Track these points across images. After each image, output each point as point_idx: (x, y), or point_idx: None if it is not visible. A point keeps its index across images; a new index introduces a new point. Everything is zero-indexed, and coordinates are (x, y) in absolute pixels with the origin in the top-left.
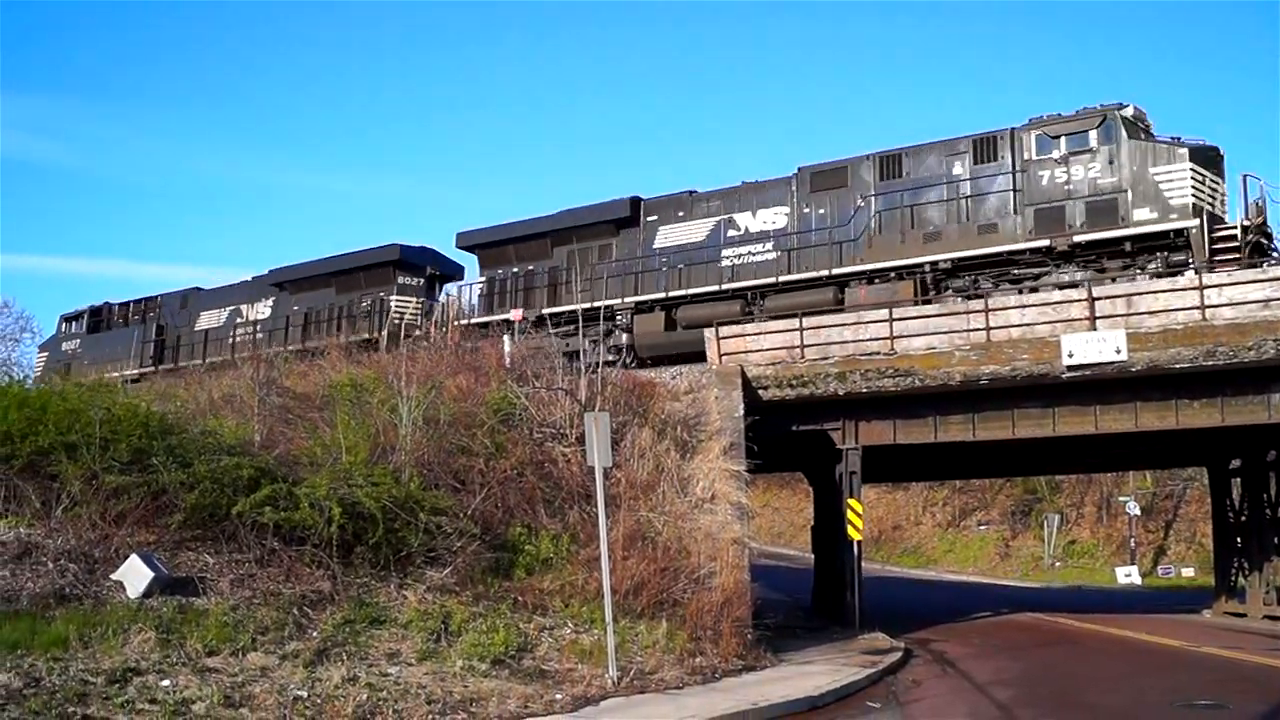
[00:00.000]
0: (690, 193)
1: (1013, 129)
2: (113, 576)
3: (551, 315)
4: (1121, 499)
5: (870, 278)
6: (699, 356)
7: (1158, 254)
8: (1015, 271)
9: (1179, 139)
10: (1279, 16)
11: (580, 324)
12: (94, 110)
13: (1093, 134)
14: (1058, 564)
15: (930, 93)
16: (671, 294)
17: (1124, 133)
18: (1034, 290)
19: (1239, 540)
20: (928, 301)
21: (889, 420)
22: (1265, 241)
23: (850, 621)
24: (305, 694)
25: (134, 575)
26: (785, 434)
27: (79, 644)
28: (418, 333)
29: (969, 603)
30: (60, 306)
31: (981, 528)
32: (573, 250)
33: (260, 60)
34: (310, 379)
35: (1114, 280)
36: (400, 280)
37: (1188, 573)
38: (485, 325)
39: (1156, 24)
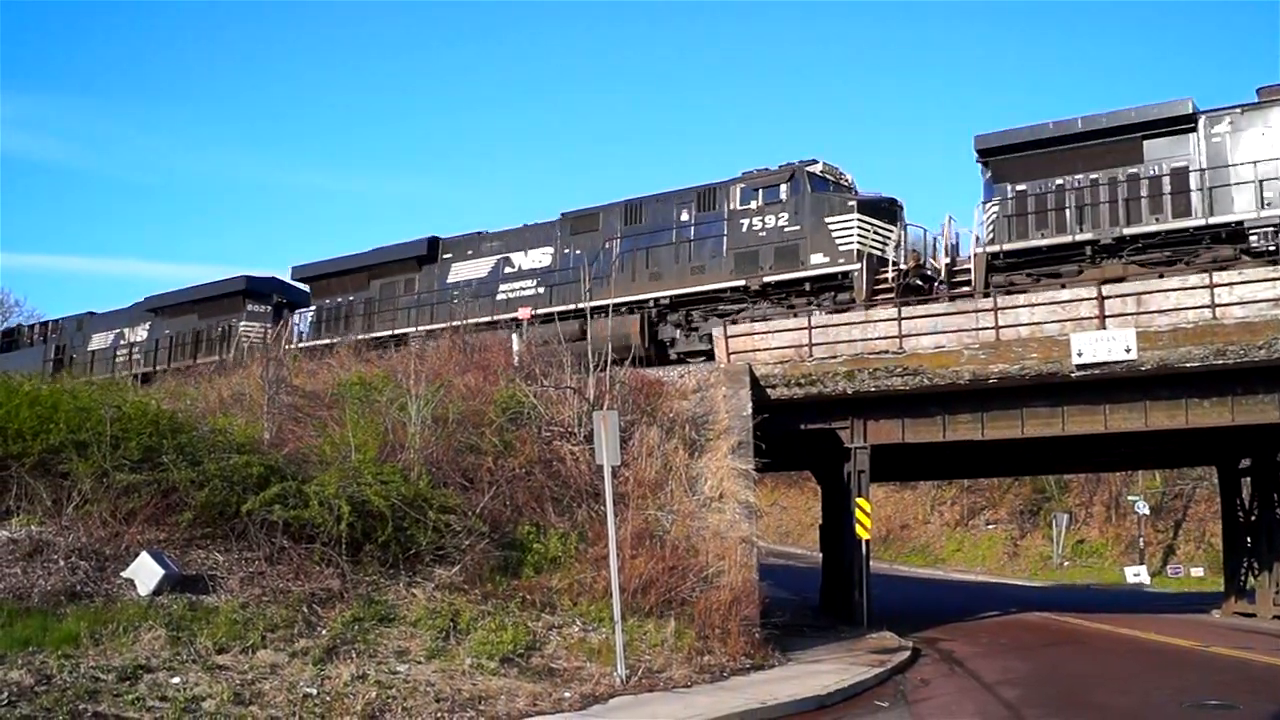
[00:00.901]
0: (479, 233)
1: (728, 182)
2: (123, 574)
3: (367, 341)
4: (1130, 498)
5: (610, 311)
6: None
7: (831, 292)
8: (721, 307)
9: (856, 192)
10: (1279, 16)
11: (393, 350)
12: (92, 108)
13: (783, 188)
14: (1066, 563)
15: (926, 93)
16: (456, 323)
17: (808, 187)
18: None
19: (1249, 540)
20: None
21: (897, 419)
22: (920, 283)
23: (858, 620)
24: (315, 691)
25: (144, 573)
26: (793, 433)
27: (90, 641)
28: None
29: (977, 602)
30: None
31: (990, 527)
32: (384, 283)
33: (260, 58)
34: (320, 377)
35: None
36: (249, 308)
37: (1197, 573)
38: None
39: (1155, 23)
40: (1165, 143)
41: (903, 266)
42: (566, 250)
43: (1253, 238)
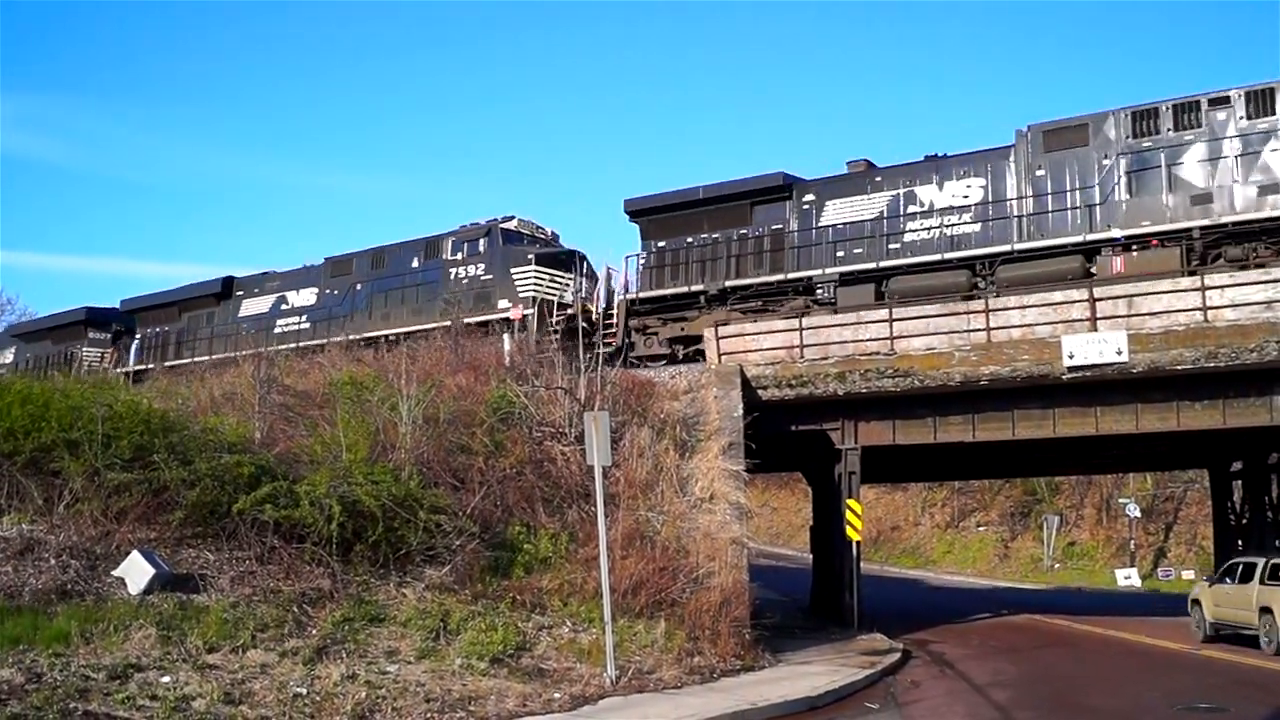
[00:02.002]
0: (266, 273)
1: (445, 235)
2: (114, 573)
3: (176, 366)
4: (1121, 501)
5: (398, 338)
6: None
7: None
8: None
9: (546, 245)
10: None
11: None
12: (81, 105)
13: (482, 241)
14: (1057, 566)
15: (922, 95)
16: (240, 354)
17: (500, 240)
18: None
19: (1240, 543)
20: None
21: (888, 420)
22: (586, 324)
23: (849, 622)
24: (305, 691)
25: (135, 572)
26: (784, 434)
27: (80, 640)
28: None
29: (968, 604)
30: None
31: (980, 529)
32: (191, 316)
33: (254, 57)
34: (311, 377)
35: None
36: (90, 335)
37: (1188, 575)
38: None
39: (1155, 23)
40: (768, 209)
41: (570, 311)
42: (328, 290)
43: (819, 290)
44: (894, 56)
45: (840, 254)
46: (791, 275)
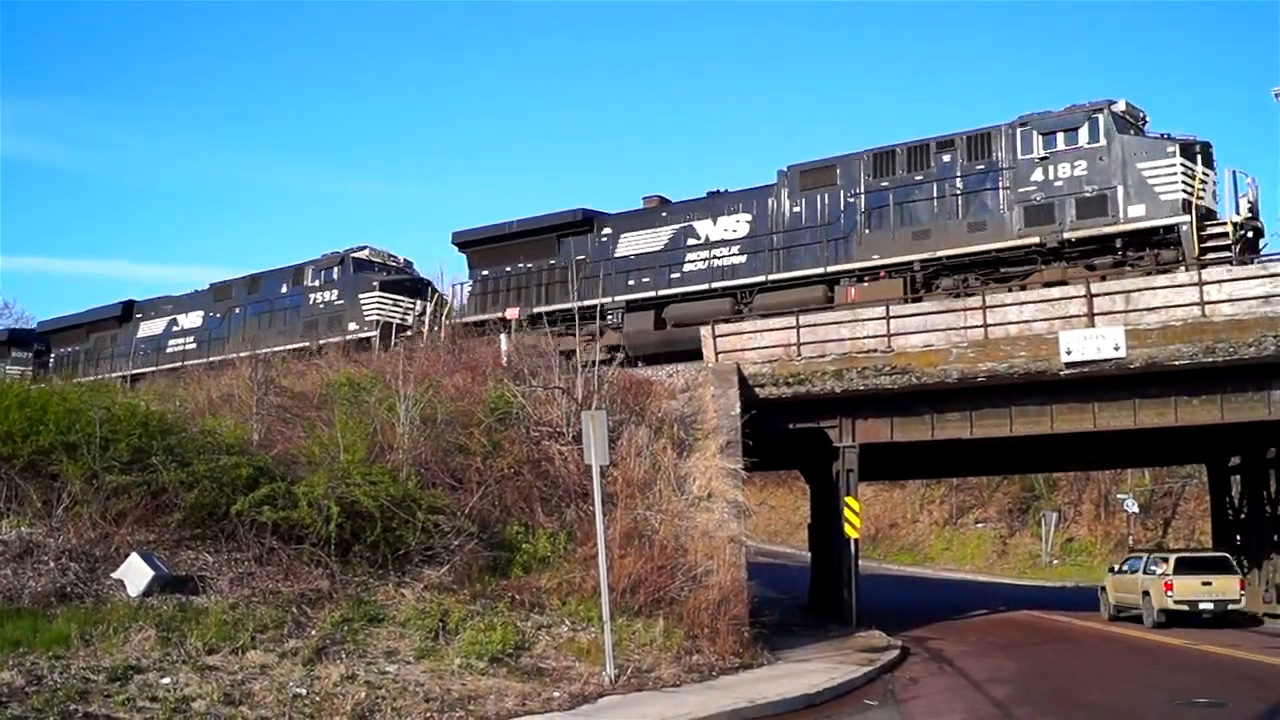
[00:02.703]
0: (162, 298)
1: (308, 263)
2: (113, 575)
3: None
4: (1120, 496)
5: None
6: None
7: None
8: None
9: (385, 273)
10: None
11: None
12: (79, 109)
13: (336, 269)
14: (1055, 562)
15: (919, 92)
16: (135, 372)
17: (352, 269)
18: None
19: (1238, 538)
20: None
21: (886, 418)
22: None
23: (847, 619)
24: (304, 691)
25: (134, 574)
26: (782, 432)
27: (80, 642)
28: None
29: (966, 601)
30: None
31: (979, 525)
32: (97, 336)
33: (250, 60)
34: (308, 378)
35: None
36: (13, 354)
37: None
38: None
39: (1153, 23)
40: (572, 241)
41: (409, 333)
42: (212, 314)
43: (609, 316)
44: (892, 54)
45: (630, 283)
46: (587, 302)
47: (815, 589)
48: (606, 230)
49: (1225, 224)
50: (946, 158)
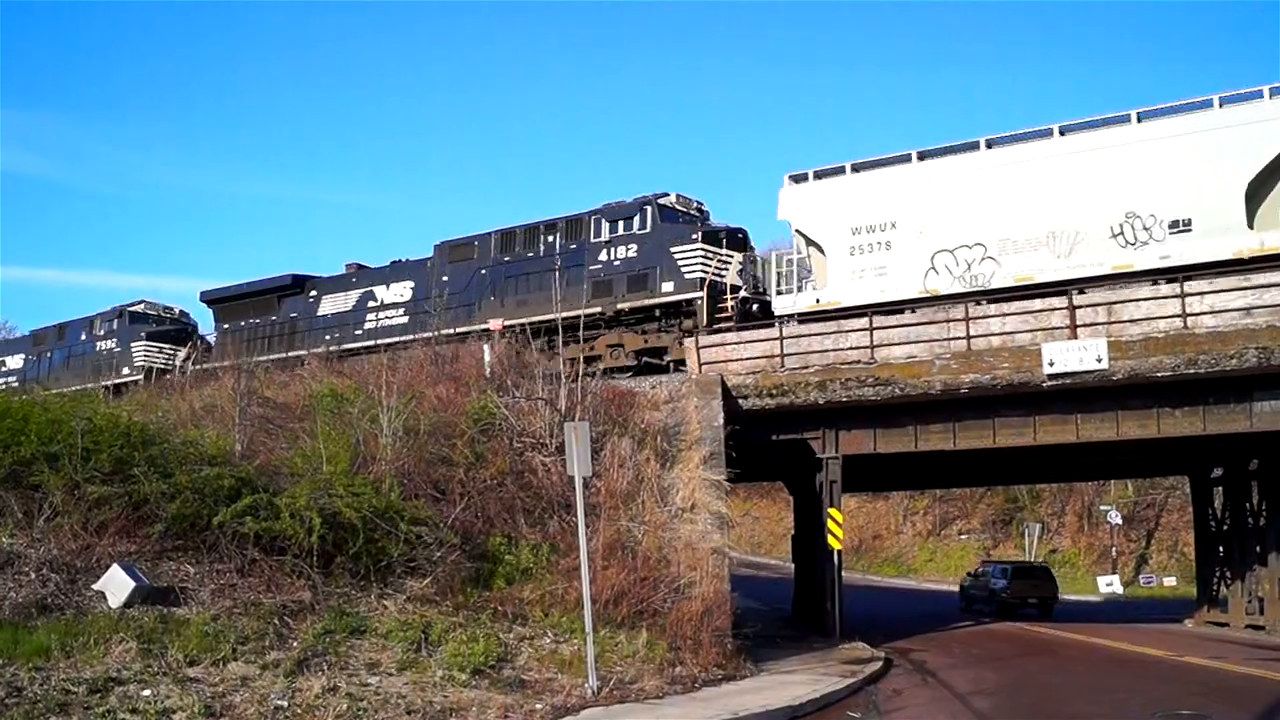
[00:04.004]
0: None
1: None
2: (94, 586)
3: None
4: (1103, 508)
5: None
6: None
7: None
8: None
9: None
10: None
11: None
12: (63, 121)
13: (116, 322)
14: None
15: (918, 94)
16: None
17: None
18: None
19: (1221, 549)
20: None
21: (869, 429)
22: None
23: (830, 631)
24: (285, 704)
25: (115, 585)
26: (765, 443)
27: (61, 654)
28: None
29: (950, 612)
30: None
31: (962, 536)
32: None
33: (233, 71)
34: (290, 389)
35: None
36: None
37: (1169, 582)
38: None
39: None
40: (288, 301)
41: None
42: (30, 357)
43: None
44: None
45: (328, 338)
46: (293, 354)
47: (799, 600)
48: (313, 291)
49: (732, 299)
50: (550, 239)
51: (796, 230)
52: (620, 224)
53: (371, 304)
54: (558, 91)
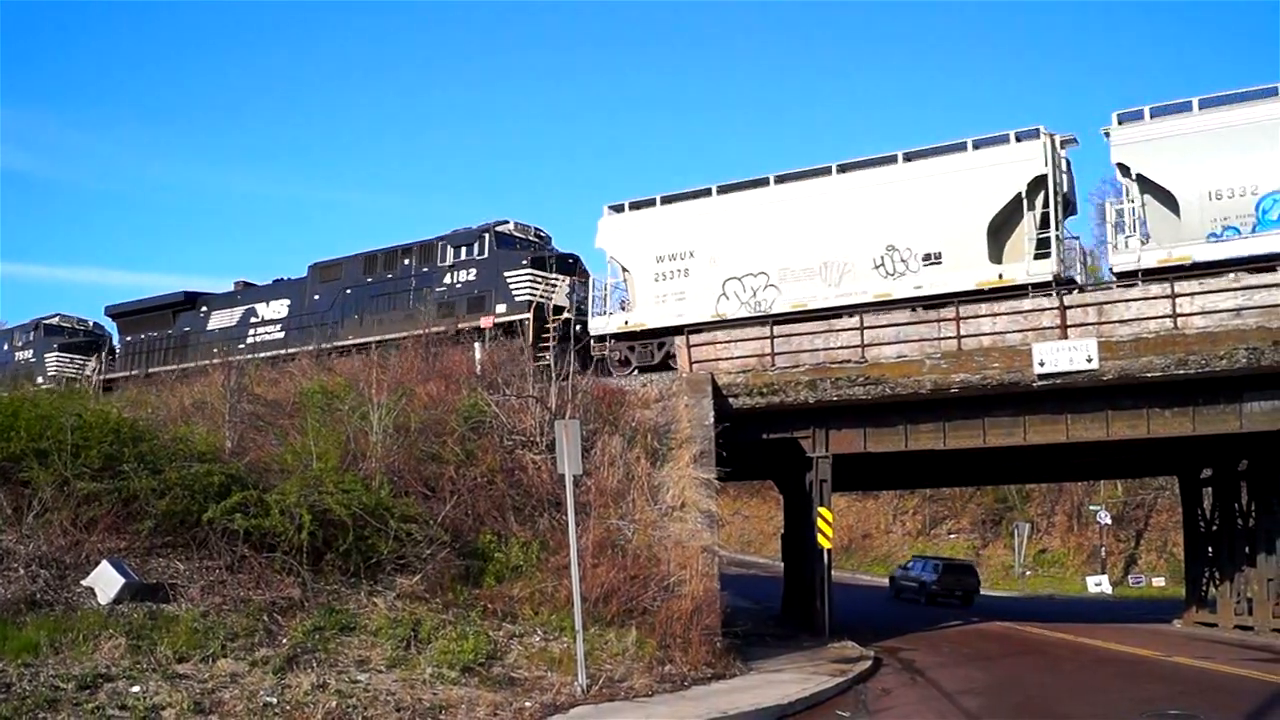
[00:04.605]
0: None
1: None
2: (83, 583)
3: None
4: (1092, 508)
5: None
6: None
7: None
8: None
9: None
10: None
11: None
12: (50, 116)
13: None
14: (1028, 573)
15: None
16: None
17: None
18: None
19: (1210, 550)
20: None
21: (859, 428)
22: None
23: (820, 630)
24: (275, 700)
25: (105, 582)
26: (756, 442)
27: (50, 650)
28: None
29: (939, 612)
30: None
31: (952, 536)
32: None
33: (223, 67)
34: (281, 386)
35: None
36: None
37: (1158, 582)
38: None
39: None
40: (183, 315)
41: None
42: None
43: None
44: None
45: (215, 351)
46: (187, 365)
47: (788, 599)
48: (204, 308)
49: (556, 320)
50: (407, 262)
51: (611, 257)
52: (463, 250)
53: (253, 320)
54: (557, 91)
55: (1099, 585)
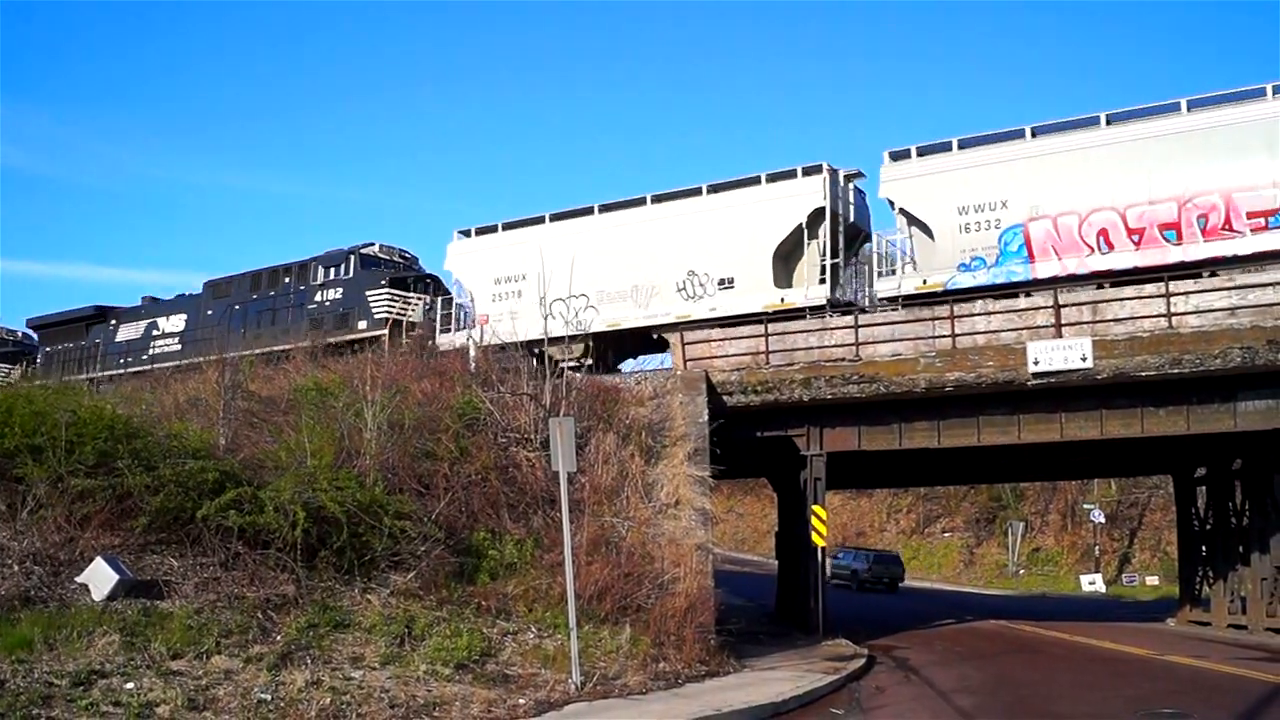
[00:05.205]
0: None
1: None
2: (78, 579)
3: None
4: (1086, 507)
5: None
6: None
7: None
8: None
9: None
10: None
11: None
12: (44, 113)
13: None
14: (1022, 571)
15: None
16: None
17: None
18: None
19: (1204, 549)
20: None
21: (854, 427)
22: None
23: (814, 628)
24: (269, 697)
25: (99, 578)
26: (750, 439)
27: (44, 646)
28: None
29: (933, 610)
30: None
31: (946, 535)
32: None
33: (216, 64)
34: (275, 383)
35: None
36: None
37: (1152, 581)
38: None
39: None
40: (96, 328)
41: None
42: None
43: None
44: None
45: (122, 362)
46: (96, 375)
47: (782, 597)
48: (113, 321)
49: (411, 336)
50: (286, 280)
51: (456, 279)
52: (333, 270)
53: (155, 333)
54: (554, 91)
55: (1093, 584)
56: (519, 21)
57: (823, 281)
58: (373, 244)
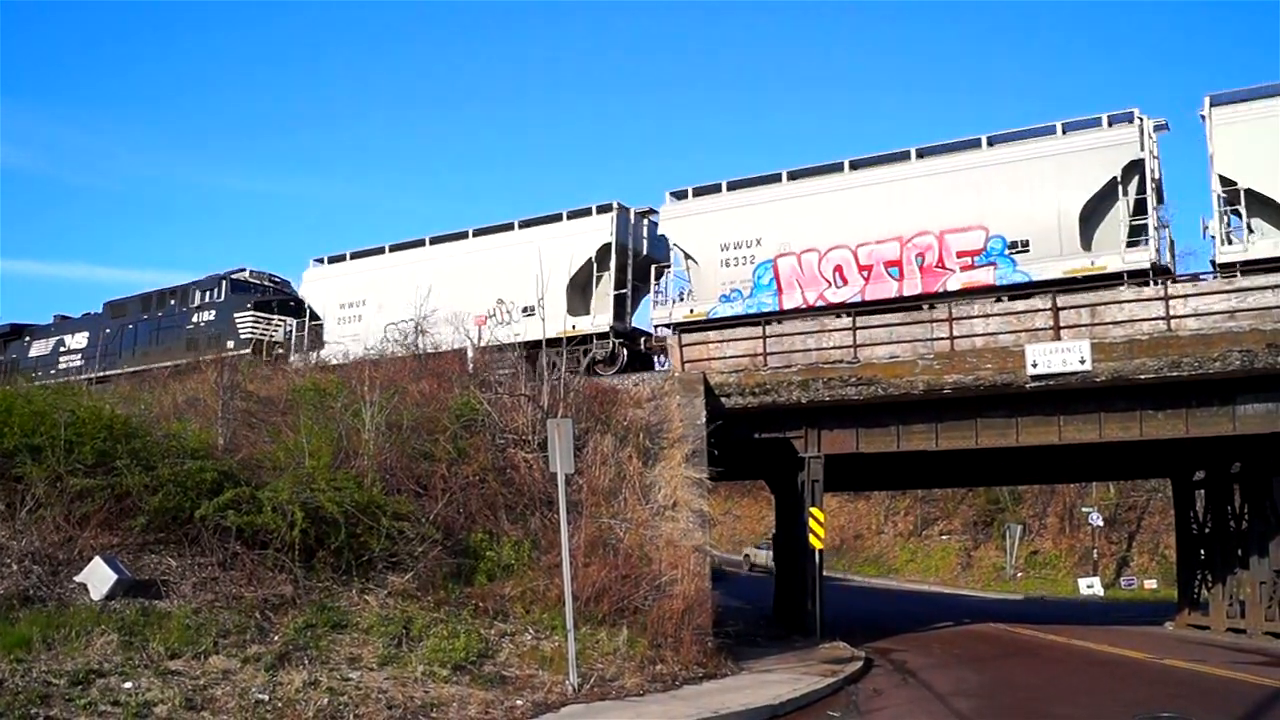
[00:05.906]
0: None
1: None
2: (76, 579)
3: None
4: (1084, 510)
5: None
6: None
7: None
8: None
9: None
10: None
11: None
12: (43, 112)
13: None
14: (1020, 574)
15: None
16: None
17: None
18: None
19: (1202, 552)
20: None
21: (851, 429)
22: None
23: (811, 630)
24: (266, 697)
25: (97, 578)
26: (748, 441)
27: (42, 646)
28: None
29: (930, 613)
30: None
31: (943, 537)
32: None
33: (211, 63)
34: (274, 383)
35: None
36: None
37: (1150, 584)
38: None
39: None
40: (13, 344)
41: None
42: None
43: None
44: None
45: (35, 376)
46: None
47: (780, 599)
48: (27, 338)
49: (270, 356)
50: (172, 302)
51: (308, 305)
52: (208, 293)
53: (62, 349)
54: (552, 90)
55: (1091, 587)
56: (520, 21)
57: (603, 310)
58: (244, 269)
